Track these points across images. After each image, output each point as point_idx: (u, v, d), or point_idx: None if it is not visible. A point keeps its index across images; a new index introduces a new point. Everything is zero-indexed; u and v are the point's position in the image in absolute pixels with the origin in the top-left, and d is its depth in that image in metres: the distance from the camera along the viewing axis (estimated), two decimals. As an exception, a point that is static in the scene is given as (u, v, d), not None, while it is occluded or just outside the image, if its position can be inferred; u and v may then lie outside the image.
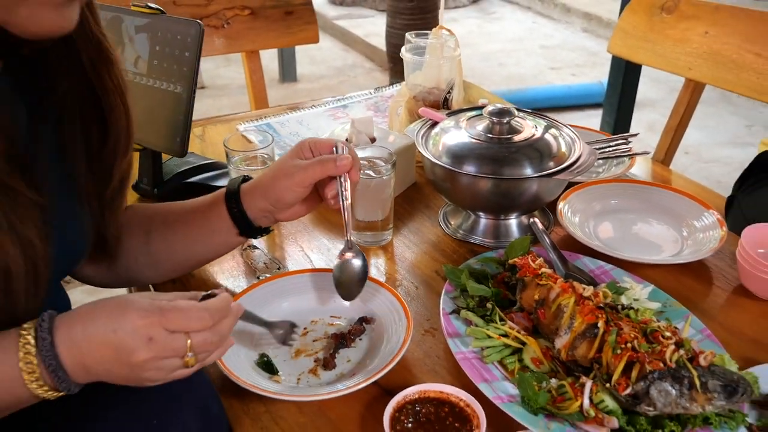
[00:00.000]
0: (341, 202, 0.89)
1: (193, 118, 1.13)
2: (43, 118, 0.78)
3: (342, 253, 0.93)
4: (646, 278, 1.01)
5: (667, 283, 1.03)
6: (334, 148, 0.90)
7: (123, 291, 1.11)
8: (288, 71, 4.47)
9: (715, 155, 3.50)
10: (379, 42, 4.53)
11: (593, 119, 3.60)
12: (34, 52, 0.74)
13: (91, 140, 0.82)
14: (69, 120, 0.80)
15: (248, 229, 0.93)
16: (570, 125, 1.21)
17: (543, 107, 3.74)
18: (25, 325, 0.66)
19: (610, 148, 1.35)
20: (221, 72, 4.39)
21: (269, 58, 4.31)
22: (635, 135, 1.37)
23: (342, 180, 0.89)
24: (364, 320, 0.93)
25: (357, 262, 0.92)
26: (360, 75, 4.60)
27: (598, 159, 1.33)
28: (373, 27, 5.22)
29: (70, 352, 0.66)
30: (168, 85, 1.13)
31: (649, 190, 1.22)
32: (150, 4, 1.15)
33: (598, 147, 1.36)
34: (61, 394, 0.68)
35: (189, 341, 0.67)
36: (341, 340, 0.90)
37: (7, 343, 0.66)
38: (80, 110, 0.81)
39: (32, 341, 0.65)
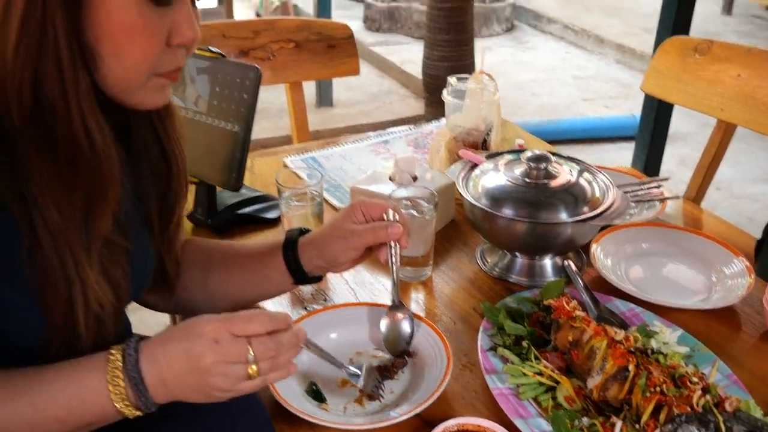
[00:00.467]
0: (390, 266, 0.97)
1: (254, 137, 1.21)
2: (126, 168, 0.86)
3: (391, 312, 0.99)
4: (675, 322, 1.05)
5: (696, 327, 1.07)
6: (385, 214, 0.98)
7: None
8: (325, 96, 4.57)
9: (746, 192, 3.51)
10: (414, 69, 4.62)
11: (625, 152, 3.64)
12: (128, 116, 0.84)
13: (161, 184, 0.91)
14: (143, 167, 0.90)
15: (302, 279, 1.00)
16: (603, 167, 1.26)
17: (575, 139, 3.79)
18: (114, 347, 0.76)
19: (642, 192, 1.40)
20: (261, 96, 4.50)
21: (307, 84, 4.41)
22: (666, 179, 1.42)
23: (392, 245, 0.97)
24: (406, 354, 0.99)
25: (405, 324, 0.99)
26: (395, 101, 4.68)
27: (630, 203, 1.39)
28: (409, 54, 5.31)
29: (151, 369, 0.75)
30: (226, 124, 1.21)
31: (679, 234, 1.27)
32: (211, 48, 1.23)
33: (630, 190, 1.40)
34: (139, 413, 0.75)
35: (250, 348, 0.75)
36: (385, 372, 0.96)
37: (98, 362, 0.75)
38: (148, 158, 0.90)
39: (120, 358, 0.74)
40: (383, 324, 1.00)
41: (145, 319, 1.13)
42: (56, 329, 0.76)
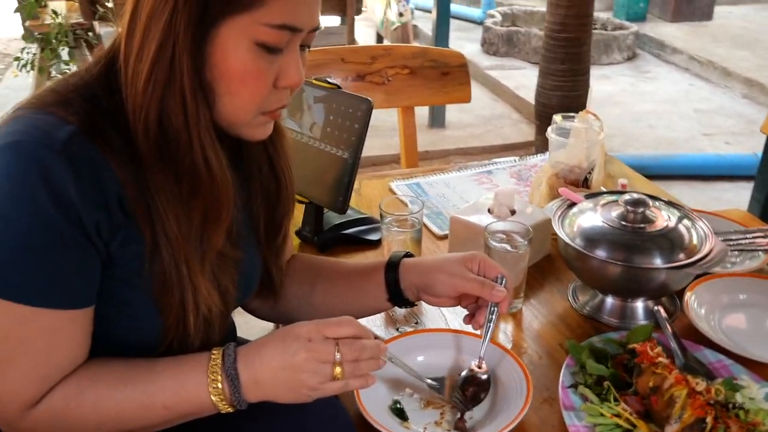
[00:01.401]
0: (486, 327, 1.02)
1: (365, 155, 1.29)
2: (239, 186, 0.96)
3: (475, 366, 1.03)
4: (766, 378, 1.04)
5: (789, 385, 1.05)
6: (498, 277, 1.03)
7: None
8: (437, 118, 4.64)
9: None
10: (528, 94, 4.62)
11: (744, 192, 3.50)
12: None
13: (270, 200, 1.01)
14: (255, 184, 1.00)
15: (397, 297, 1.07)
16: (707, 212, 1.25)
17: (690, 175, 3.68)
18: (216, 348, 0.86)
19: (746, 240, 1.38)
20: (375, 114, 4.63)
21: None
22: (775, 229, 1.39)
23: (492, 307, 1.02)
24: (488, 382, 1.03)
25: (484, 377, 1.02)
26: (506, 126, 4.70)
27: (733, 251, 1.37)
28: (524, 79, 5.31)
29: (246, 369, 0.84)
30: (336, 151, 1.29)
31: (781, 288, 1.24)
32: (328, 79, 1.32)
33: (734, 238, 1.39)
34: (230, 409, 0.85)
35: (338, 349, 0.84)
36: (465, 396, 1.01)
37: (201, 360, 0.85)
38: (260, 176, 1.00)
39: (220, 358, 0.85)
40: (462, 378, 1.02)
41: (250, 322, 1.23)
42: (170, 329, 0.87)
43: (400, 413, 0.98)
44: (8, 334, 0.78)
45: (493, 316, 1.02)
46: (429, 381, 1.00)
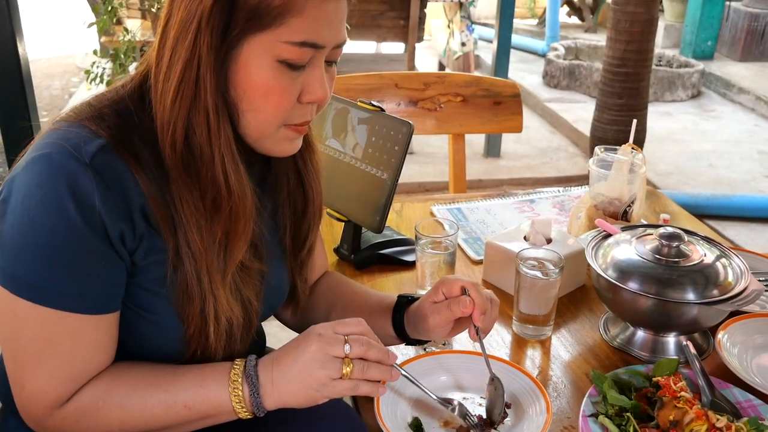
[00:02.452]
0: (479, 341, 1.04)
1: (400, 182, 1.32)
2: (265, 198, 1.00)
3: (488, 386, 1.04)
4: (796, 421, 1.02)
5: (819, 430, 1.03)
6: (464, 289, 1.04)
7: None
8: (493, 147, 4.66)
9: None
10: (586, 128, 4.59)
11: (804, 236, 3.41)
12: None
13: (297, 213, 1.05)
14: (282, 197, 1.03)
15: (405, 337, 1.10)
16: (750, 252, 1.22)
17: (748, 216, 3.59)
18: (239, 359, 0.90)
19: (788, 282, 1.36)
20: (431, 140, 4.67)
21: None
22: (817, 273, 1.36)
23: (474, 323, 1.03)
24: (507, 406, 1.04)
25: (498, 397, 1.03)
26: (562, 159, 4.67)
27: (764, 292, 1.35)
28: (583, 112, 5.28)
29: (264, 372, 0.88)
30: (376, 171, 1.33)
31: (819, 332, 1.22)
32: (373, 102, 1.36)
33: (775, 279, 1.37)
34: (249, 416, 0.88)
35: (347, 343, 0.87)
36: (484, 420, 1.02)
37: (224, 368, 0.89)
38: (288, 189, 1.03)
39: (242, 366, 0.88)
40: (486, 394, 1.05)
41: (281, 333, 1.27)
42: (192, 338, 0.91)
43: (418, 429, 1.00)
44: (36, 335, 0.83)
45: (479, 328, 1.03)
46: (436, 398, 1.01)
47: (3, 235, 0.81)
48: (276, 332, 1.39)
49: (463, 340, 1.23)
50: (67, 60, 6.71)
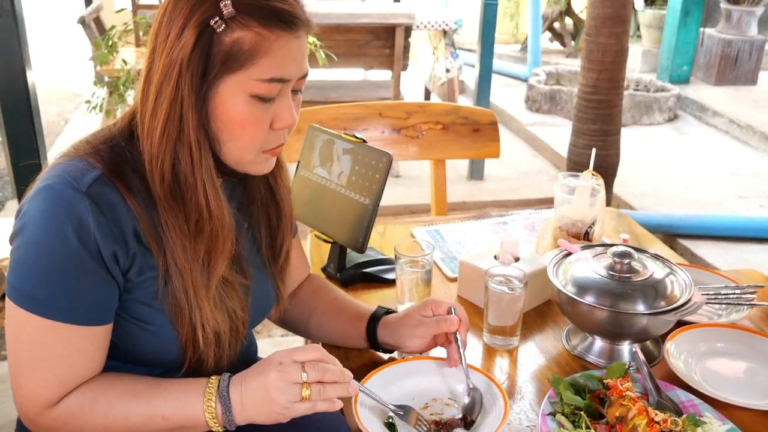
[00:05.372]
0: (461, 356, 1.19)
1: (387, 204, 1.46)
2: (243, 215, 1.13)
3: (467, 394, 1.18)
4: (733, 419, 1.14)
5: (753, 427, 1.16)
6: (450, 309, 1.21)
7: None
8: (476, 170, 4.80)
9: None
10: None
11: (773, 254, 3.57)
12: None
13: (271, 225, 1.18)
14: (256, 212, 1.16)
15: (376, 347, 1.25)
16: (700, 267, 1.34)
17: (720, 236, 3.74)
18: (214, 376, 1.02)
19: (735, 295, 1.50)
20: (415, 164, 4.81)
21: (460, 157, 4.66)
22: (761, 287, 1.50)
23: (458, 337, 1.19)
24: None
25: (477, 400, 1.16)
26: (544, 181, 4.82)
27: (721, 304, 1.49)
28: (563, 136, 5.41)
29: (235, 392, 1.00)
30: (359, 197, 1.46)
31: (757, 339, 1.35)
32: (356, 135, 1.50)
33: (723, 293, 1.51)
34: (221, 429, 1.00)
35: (304, 371, 0.98)
36: (440, 425, 1.14)
37: (201, 383, 1.01)
38: (261, 203, 1.17)
39: (216, 383, 1.00)
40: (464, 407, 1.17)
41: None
42: (186, 345, 1.03)
43: (391, 427, 1.12)
44: (32, 340, 0.96)
45: (459, 344, 1.19)
46: (392, 407, 1.12)
47: (13, 253, 0.95)
48: (266, 348, 1.51)
49: (438, 348, 1.35)
50: (62, 87, 6.83)
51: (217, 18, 0.93)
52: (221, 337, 1.07)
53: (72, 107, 6.26)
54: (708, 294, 1.47)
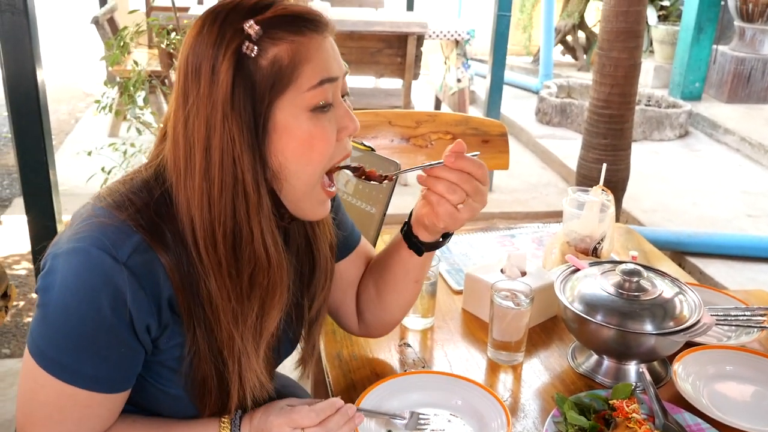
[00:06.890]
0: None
1: (394, 212, 1.44)
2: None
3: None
4: (740, 443, 1.13)
5: (760, 452, 1.14)
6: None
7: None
8: (484, 181, 4.77)
9: None
10: (576, 164, 4.73)
11: (783, 274, 3.53)
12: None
13: (303, 278, 1.11)
14: (293, 261, 1.07)
15: (410, 241, 1.15)
16: (710, 288, 1.32)
17: (728, 254, 3.71)
18: (225, 416, 1.01)
19: (745, 317, 1.47)
20: (423, 173, 4.79)
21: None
22: (772, 309, 1.48)
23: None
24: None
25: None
26: (552, 194, 4.80)
27: (731, 326, 1.46)
28: (573, 149, 5.39)
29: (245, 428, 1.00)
30: (366, 206, 1.45)
31: (766, 363, 1.32)
32: (365, 143, 1.49)
33: (733, 314, 1.48)
34: None
35: None
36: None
37: (213, 423, 1.01)
38: (297, 253, 1.09)
39: (228, 424, 1.00)
40: None
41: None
42: (210, 412, 1.01)
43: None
44: (49, 402, 0.92)
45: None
46: (398, 421, 1.12)
47: (40, 308, 0.90)
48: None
49: (441, 363, 1.34)
50: (74, 86, 6.85)
51: (247, 42, 0.87)
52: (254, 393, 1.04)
53: (83, 106, 6.27)
54: (717, 315, 1.45)
